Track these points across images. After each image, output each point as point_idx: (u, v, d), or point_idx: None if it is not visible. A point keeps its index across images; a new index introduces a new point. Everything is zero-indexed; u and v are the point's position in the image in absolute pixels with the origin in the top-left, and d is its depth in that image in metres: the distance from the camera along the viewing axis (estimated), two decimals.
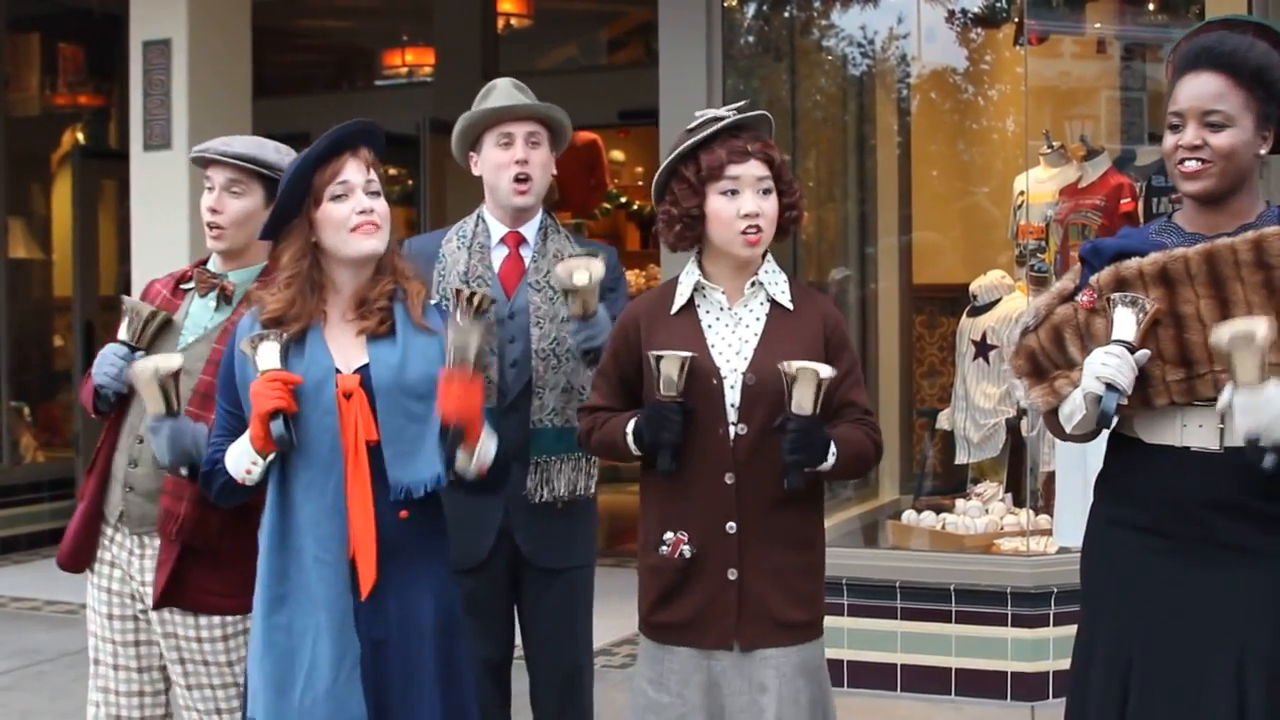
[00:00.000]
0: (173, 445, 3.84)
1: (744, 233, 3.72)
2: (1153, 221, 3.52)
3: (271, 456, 3.54)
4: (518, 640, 4.67)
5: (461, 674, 3.72)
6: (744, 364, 3.73)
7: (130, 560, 4.22)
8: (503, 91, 4.63)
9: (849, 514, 8.19)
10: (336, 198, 3.62)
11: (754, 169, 3.74)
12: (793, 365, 3.60)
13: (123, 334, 4.18)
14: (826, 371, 3.59)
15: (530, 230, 4.61)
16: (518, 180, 4.52)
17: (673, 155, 3.80)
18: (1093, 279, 3.33)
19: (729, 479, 3.70)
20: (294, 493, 3.56)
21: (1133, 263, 3.29)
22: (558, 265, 4.35)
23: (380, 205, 3.65)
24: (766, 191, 3.75)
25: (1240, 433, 3.07)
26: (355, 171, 3.64)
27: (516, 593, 4.59)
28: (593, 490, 4.55)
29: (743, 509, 3.71)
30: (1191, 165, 3.26)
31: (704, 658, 3.75)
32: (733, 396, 3.71)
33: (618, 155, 14.97)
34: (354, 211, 3.61)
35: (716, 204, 3.74)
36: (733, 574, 3.71)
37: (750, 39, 8.33)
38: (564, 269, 4.30)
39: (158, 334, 4.20)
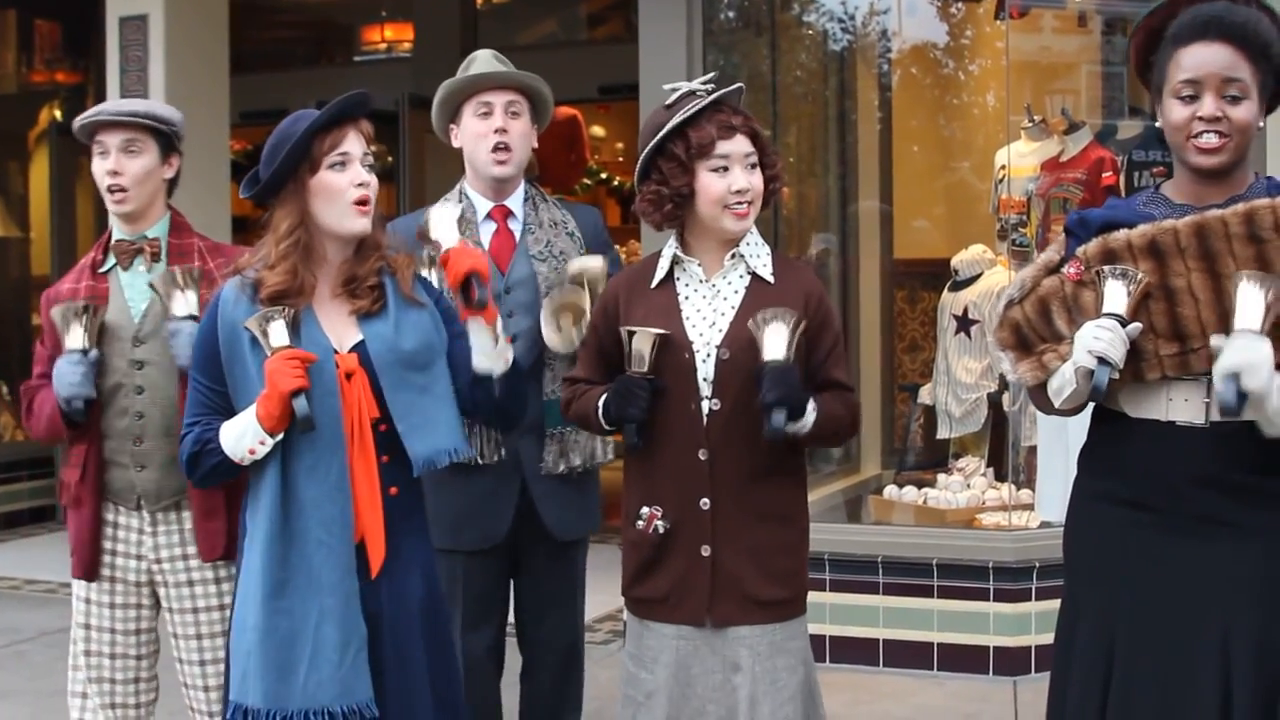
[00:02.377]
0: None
1: (733, 208, 3.70)
2: (1140, 193, 3.47)
3: (280, 436, 3.48)
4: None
5: (448, 651, 3.72)
6: (719, 337, 3.72)
7: (142, 541, 4.26)
8: (482, 61, 4.62)
9: (831, 489, 8.21)
10: (334, 166, 3.56)
11: (741, 145, 3.73)
12: (763, 314, 3.58)
13: (76, 343, 4.10)
14: (799, 317, 3.57)
15: (515, 203, 4.60)
16: (496, 149, 4.50)
17: (660, 133, 3.76)
18: (1079, 250, 3.30)
19: (702, 455, 3.70)
20: (296, 475, 3.50)
21: (1121, 234, 3.26)
22: (569, 264, 4.43)
23: (373, 179, 3.62)
24: (754, 166, 3.74)
25: (1223, 366, 2.99)
26: (355, 143, 3.59)
27: (516, 571, 4.60)
28: (609, 457, 4.55)
29: (716, 485, 3.70)
30: (1211, 140, 3.20)
31: (676, 635, 3.75)
32: (705, 371, 3.71)
33: (598, 131, 14.92)
34: (352, 184, 3.56)
35: (707, 181, 3.72)
36: (706, 550, 3.71)
37: (731, 14, 8.30)
38: (575, 266, 4.41)
39: (102, 327, 4.20)
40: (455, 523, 4.44)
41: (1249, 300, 3.01)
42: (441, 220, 3.60)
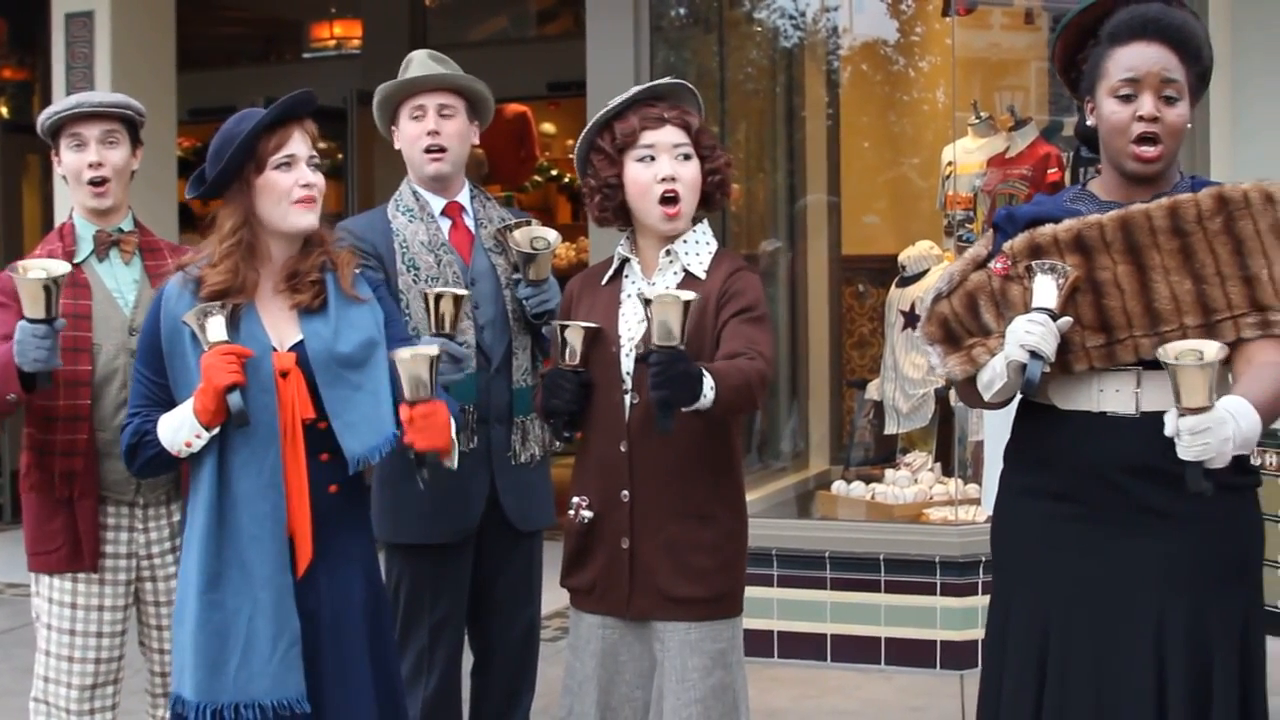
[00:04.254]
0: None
1: (662, 201, 3.71)
2: (1067, 189, 3.52)
3: (216, 431, 3.51)
4: None
5: (389, 649, 3.75)
6: (641, 330, 3.73)
7: (134, 539, 4.28)
8: (417, 63, 4.63)
9: (779, 484, 8.21)
10: (280, 166, 3.59)
11: (669, 135, 3.74)
12: (652, 292, 3.54)
13: (35, 311, 3.89)
14: (688, 295, 3.44)
15: (464, 199, 4.63)
16: (429, 150, 4.52)
17: (588, 128, 3.82)
18: (1006, 245, 3.33)
19: (623, 447, 3.73)
20: (231, 469, 3.54)
21: (1047, 229, 3.29)
22: (516, 232, 4.43)
23: (320, 180, 3.65)
24: (685, 157, 3.75)
25: (1188, 457, 2.92)
26: (301, 143, 3.63)
27: (476, 562, 4.60)
28: (557, 446, 4.52)
29: (635, 478, 3.72)
30: (1149, 150, 3.24)
31: (602, 625, 3.79)
32: (627, 364, 3.73)
33: (548, 127, 14.90)
34: (297, 184, 3.59)
35: (633, 171, 3.75)
36: (625, 543, 3.74)
37: (682, 10, 8.31)
38: (523, 235, 4.40)
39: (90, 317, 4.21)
40: (427, 515, 4.42)
41: (1191, 376, 2.93)
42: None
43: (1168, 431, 2.97)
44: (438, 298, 3.82)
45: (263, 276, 3.64)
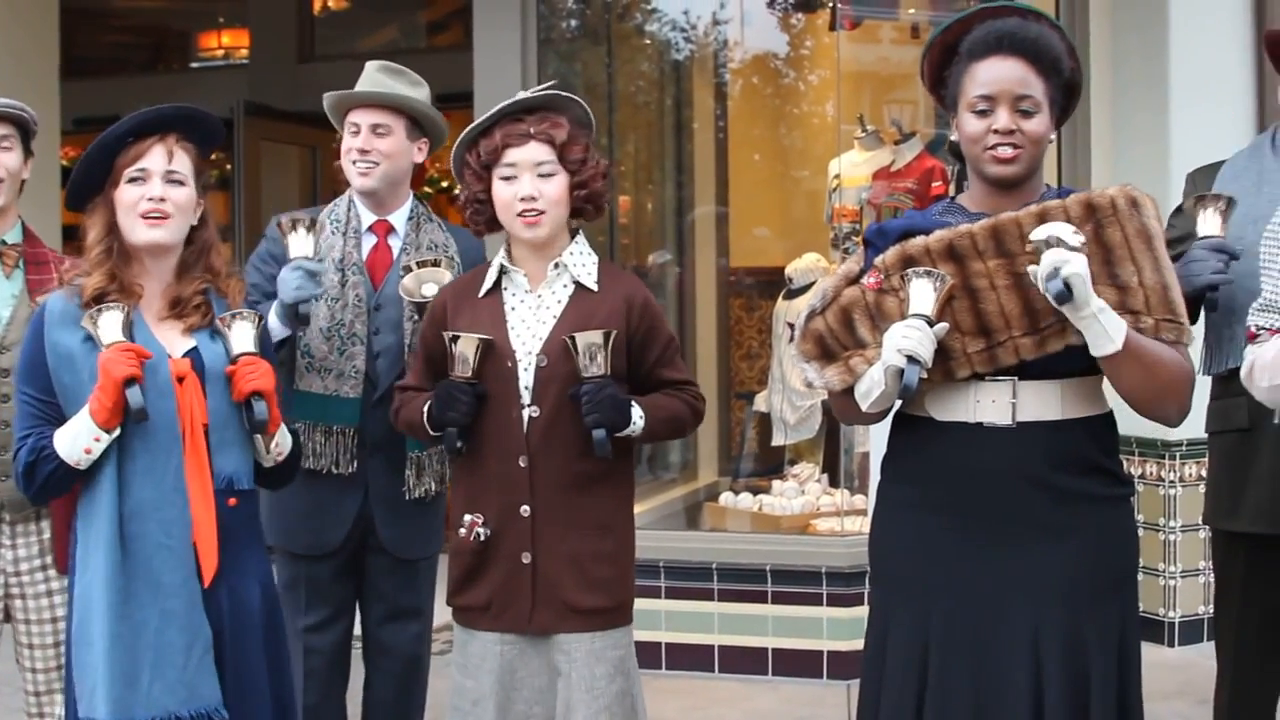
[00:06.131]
0: None
1: (521, 215, 3.72)
2: (936, 203, 3.56)
3: (116, 432, 3.45)
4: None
5: (285, 663, 3.73)
6: (539, 345, 3.73)
7: (1, 555, 4.21)
8: (364, 78, 4.61)
9: (668, 496, 8.23)
10: (133, 180, 3.57)
11: (532, 153, 3.74)
12: (579, 333, 3.63)
13: None
14: (609, 330, 3.63)
15: (399, 219, 4.59)
16: (358, 165, 4.50)
17: (457, 143, 3.84)
18: (879, 260, 3.34)
19: (522, 462, 3.71)
20: (132, 479, 3.49)
21: (919, 241, 3.31)
22: (406, 278, 4.34)
23: (178, 195, 3.60)
24: (547, 175, 3.74)
25: (1047, 262, 3.06)
26: (157, 158, 3.59)
27: (360, 579, 4.58)
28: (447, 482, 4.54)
29: (536, 492, 3.71)
30: (1006, 151, 3.28)
31: (500, 642, 3.76)
32: (526, 379, 3.72)
33: None
34: (143, 198, 3.56)
35: (498, 188, 3.76)
36: (526, 558, 3.73)
37: (573, 22, 8.31)
38: (413, 281, 4.32)
39: None
40: (290, 524, 4.47)
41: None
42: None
43: (1032, 236, 3.11)
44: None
45: (146, 294, 3.61)
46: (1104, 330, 3.10)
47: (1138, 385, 3.20)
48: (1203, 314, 4.25)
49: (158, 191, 3.56)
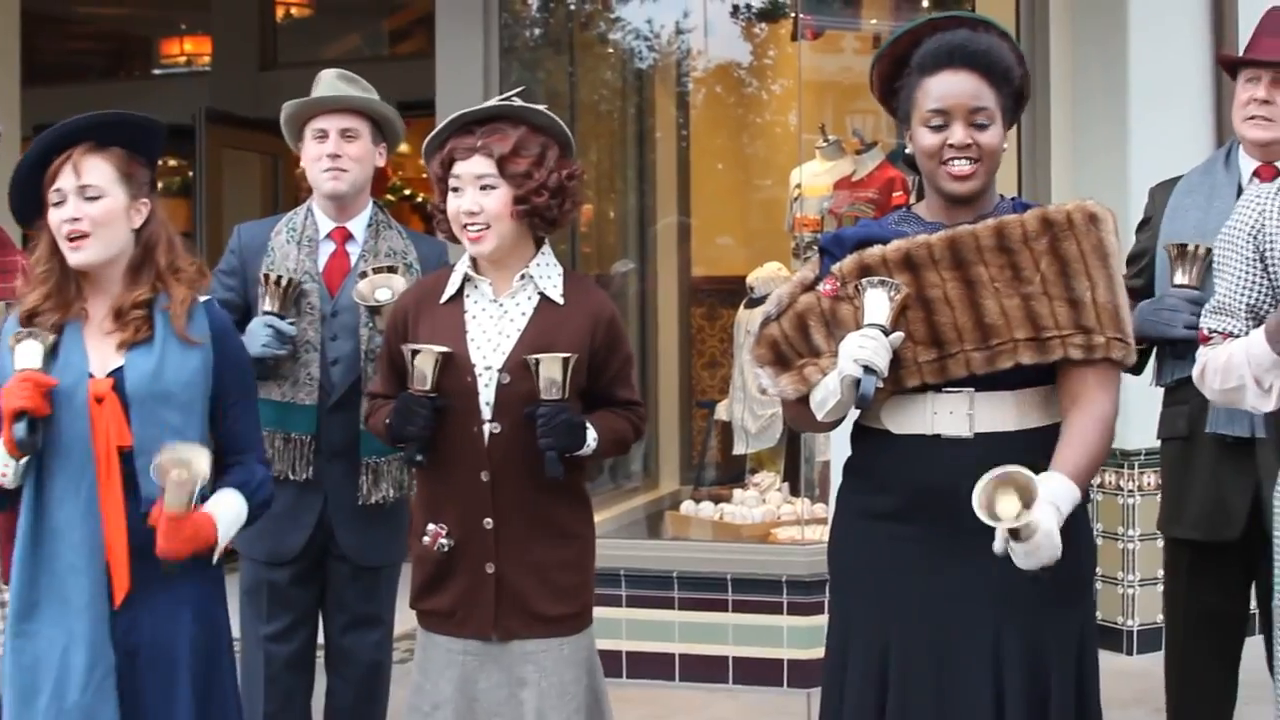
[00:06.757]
0: None
1: (465, 229, 3.74)
2: (893, 213, 3.57)
3: (25, 460, 3.43)
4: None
5: (225, 689, 3.64)
6: (500, 360, 3.73)
7: None
8: (324, 83, 4.62)
9: (629, 505, 8.23)
10: (56, 204, 3.53)
11: (475, 166, 3.73)
12: (539, 356, 3.64)
13: None
14: (569, 355, 3.64)
15: (358, 226, 4.59)
16: (328, 170, 4.50)
17: (423, 150, 3.84)
18: (835, 267, 3.35)
19: (484, 476, 3.71)
20: (49, 498, 3.48)
21: (875, 250, 3.31)
22: (361, 284, 4.36)
23: (94, 210, 3.52)
24: (488, 188, 3.73)
25: (1028, 567, 3.05)
26: (67, 177, 3.52)
27: (322, 587, 4.58)
28: (411, 489, 4.53)
29: (499, 505, 3.72)
30: (963, 166, 3.29)
31: (462, 651, 3.76)
32: (487, 395, 3.72)
33: (401, 147, 14.85)
34: (63, 220, 3.51)
35: (448, 201, 3.77)
36: (490, 568, 3.73)
37: (535, 31, 8.31)
38: (367, 286, 4.35)
39: None
40: (254, 533, 4.37)
41: (1003, 497, 3.03)
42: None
43: (996, 550, 3.05)
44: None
45: (92, 303, 3.58)
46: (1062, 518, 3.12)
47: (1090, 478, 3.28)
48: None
49: (70, 212, 3.50)
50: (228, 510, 3.57)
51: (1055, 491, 3.09)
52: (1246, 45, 4.63)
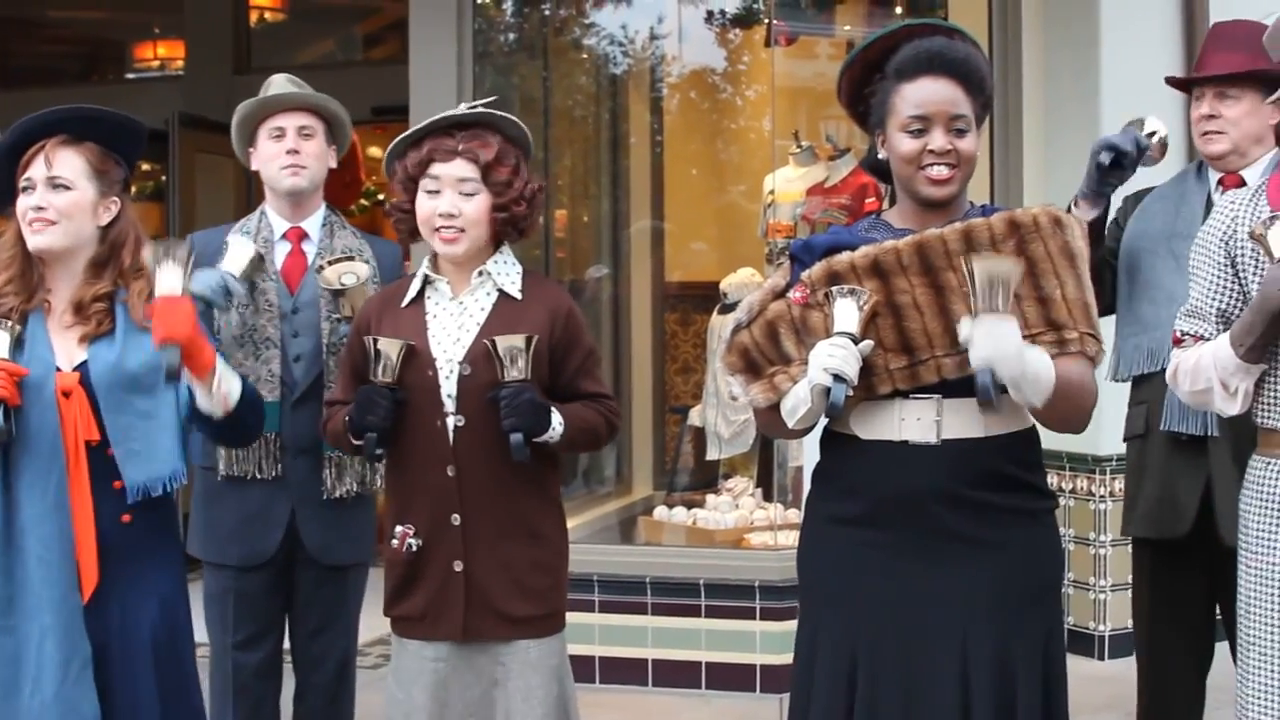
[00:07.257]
0: None
1: (438, 230, 3.74)
2: (862, 219, 3.58)
3: None
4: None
5: (185, 682, 3.68)
6: (461, 353, 3.75)
7: None
8: (276, 85, 4.66)
9: (602, 510, 8.23)
10: (24, 190, 3.59)
11: (457, 169, 3.75)
12: (499, 337, 3.65)
13: None
14: (530, 335, 3.66)
15: (313, 225, 4.61)
16: (287, 167, 4.52)
17: (388, 152, 3.85)
18: (805, 274, 3.35)
19: (450, 471, 3.72)
20: (18, 491, 3.50)
21: (844, 256, 3.32)
22: (326, 270, 4.39)
23: (61, 200, 3.58)
24: (469, 193, 3.76)
25: (977, 357, 3.08)
26: (38, 166, 3.59)
27: (289, 593, 4.58)
28: (379, 485, 4.54)
29: (466, 501, 3.72)
30: (942, 171, 3.31)
31: (434, 657, 3.76)
32: (449, 387, 3.73)
33: (374, 151, 14.80)
34: (29, 207, 3.57)
35: (420, 201, 3.78)
36: (458, 566, 3.73)
37: (508, 36, 8.32)
38: (332, 272, 4.37)
39: None
40: (225, 537, 4.47)
41: (995, 287, 3.09)
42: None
43: (961, 336, 3.11)
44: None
45: (56, 300, 3.61)
46: (1036, 380, 3.13)
47: (1057, 414, 3.25)
48: (1114, 328, 4.38)
49: (36, 200, 3.57)
50: (224, 368, 3.62)
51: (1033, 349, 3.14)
52: (1195, 63, 4.76)
